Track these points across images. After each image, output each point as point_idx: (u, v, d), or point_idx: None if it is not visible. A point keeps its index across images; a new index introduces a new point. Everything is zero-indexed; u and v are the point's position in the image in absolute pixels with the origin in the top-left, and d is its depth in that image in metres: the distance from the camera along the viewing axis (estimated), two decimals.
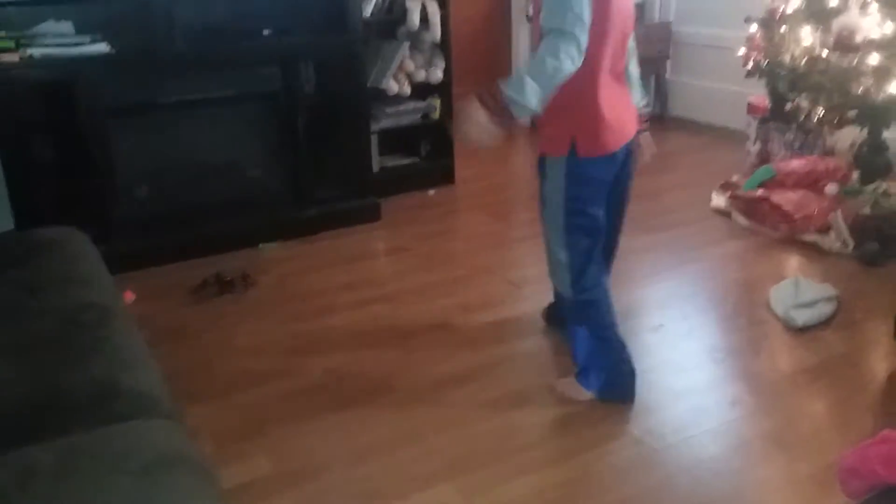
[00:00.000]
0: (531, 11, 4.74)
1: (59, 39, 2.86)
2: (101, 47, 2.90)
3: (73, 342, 1.56)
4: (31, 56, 2.79)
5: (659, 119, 5.07)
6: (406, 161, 4.01)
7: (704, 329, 2.60)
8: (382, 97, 3.77)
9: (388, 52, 3.79)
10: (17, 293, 1.76)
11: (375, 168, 3.73)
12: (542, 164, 2.07)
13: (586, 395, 2.16)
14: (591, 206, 2.02)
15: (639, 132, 2.14)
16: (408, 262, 3.14)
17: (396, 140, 3.96)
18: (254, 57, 3.23)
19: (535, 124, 2.16)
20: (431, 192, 3.93)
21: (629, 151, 2.08)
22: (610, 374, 2.15)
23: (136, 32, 3.02)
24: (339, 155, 3.46)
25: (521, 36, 5.05)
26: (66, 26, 2.92)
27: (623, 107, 2.04)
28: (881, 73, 2.98)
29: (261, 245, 3.26)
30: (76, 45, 2.87)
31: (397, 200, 3.73)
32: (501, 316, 2.66)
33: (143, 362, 1.56)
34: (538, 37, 1.81)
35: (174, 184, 3.29)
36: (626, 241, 3.18)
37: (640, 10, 5.00)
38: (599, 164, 1.98)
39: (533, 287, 2.87)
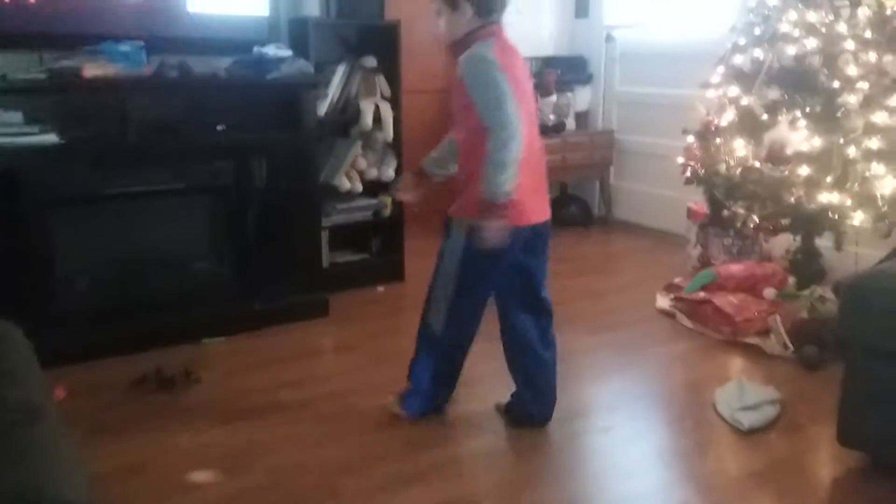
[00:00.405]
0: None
1: (7, 129, 2.83)
2: (51, 138, 2.87)
3: None
4: None
5: (603, 222, 5.24)
6: (356, 257, 4.02)
7: (653, 431, 2.60)
8: (334, 193, 3.81)
9: (341, 149, 3.86)
10: None
11: (325, 263, 3.72)
12: (448, 224, 2.35)
13: (402, 413, 2.51)
14: (486, 269, 2.31)
15: None
16: (356, 359, 3.09)
17: (347, 236, 3.98)
18: (206, 151, 3.25)
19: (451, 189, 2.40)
20: (381, 288, 3.92)
21: (538, 234, 2.35)
22: (429, 404, 2.51)
23: (88, 124, 3.01)
24: (288, 250, 3.45)
25: None
26: (16, 116, 2.90)
27: (534, 187, 2.28)
28: (811, 184, 3.14)
29: (205, 340, 3.18)
30: (24, 134, 2.84)
31: (347, 296, 3.70)
32: (452, 414, 2.61)
33: (70, 467, 1.46)
34: (464, 128, 2.26)
35: (117, 276, 3.21)
36: (572, 341, 3.24)
37: (585, 118, 5.25)
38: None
39: (484, 385, 2.85)
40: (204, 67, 3.33)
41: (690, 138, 3.73)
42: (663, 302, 3.61)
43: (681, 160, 3.78)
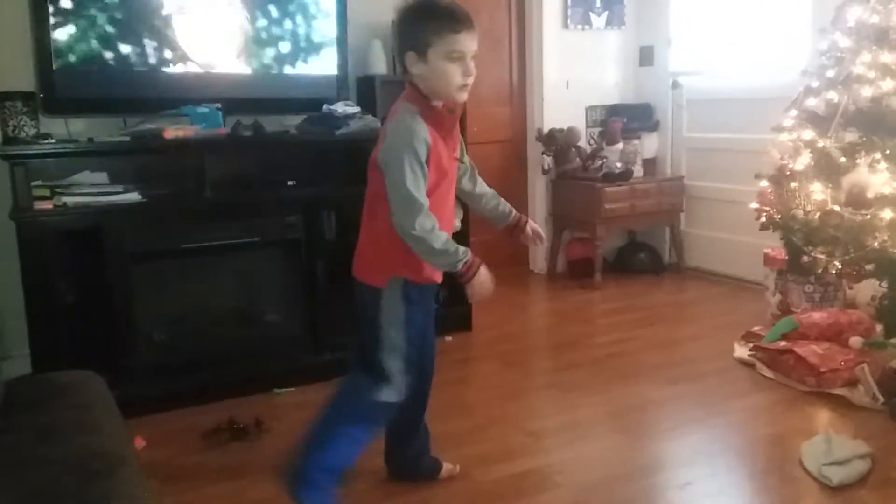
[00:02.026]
0: (546, 164, 4.95)
1: (93, 189, 2.99)
2: (133, 196, 3.01)
3: (78, 494, 1.50)
4: (64, 203, 2.90)
5: (675, 269, 5.13)
6: None
7: (735, 488, 2.47)
8: None
9: None
10: (26, 440, 1.72)
11: None
12: (370, 289, 2.19)
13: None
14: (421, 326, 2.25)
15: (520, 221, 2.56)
16: None
17: None
18: (278, 205, 3.34)
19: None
20: (448, 338, 3.91)
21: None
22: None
23: (167, 182, 3.15)
24: None
25: (537, 188, 5.21)
26: (101, 177, 3.06)
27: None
28: (895, 228, 3.01)
29: (276, 390, 3.22)
30: (108, 193, 2.99)
31: None
32: (521, 468, 2.55)
33: None
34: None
35: (192, 328, 3.31)
36: (648, 392, 3.15)
37: (653, 164, 5.20)
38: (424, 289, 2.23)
39: (551, 439, 2.79)
40: (276, 126, 3.46)
41: (764, 183, 3.64)
42: (742, 351, 3.48)
43: (755, 205, 3.68)
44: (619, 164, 4.90)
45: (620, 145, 4.99)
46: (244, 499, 2.39)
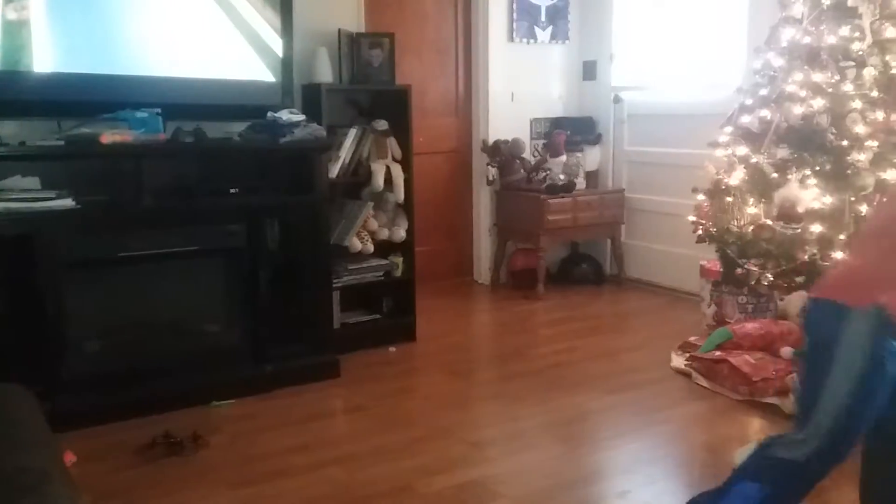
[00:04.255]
0: (491, 175, 4.98)
1: (24, 195, 2.88)
2: (67, 202, 2.91)
3: None
4: None
5: (616, 280, 5.22)
6: (367, 318, 4.00)
7: (671, 495, 2.52)
8: (345, 255, 3.83)
9: (353, 211, 3.90)
10: None
11: (336, 324, 3.71)
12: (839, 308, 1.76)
13: None
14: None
15: None
16: (366, 422, 3.05)
17: (358, 297, 3.97)
18: (219, 214, 3.28)
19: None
20: (392, 349, 3.90)
21: None
22: None
23: (104, 189, 3.06)
24: (299, 311, 3.45)
25: (482, 198, 5.25)
26: (33, 182, 2.95)
27: None
28: (824, 242, 3.13)
29: (214, 403, 3.15)
30: (41, 199, 2.88)
31: (357, 357, 3.68)
32: (463, 479, 2.55)
33: None
34: None
35: (128, 339, 3.22)
36: (589, 402, 3.20)
37: (595, 177, 5.29)
38: None
39: (493, 449, 2.81)
40: (219, 132, 3.40)
41: (701, 197, 3.74)
42: (679, 361, 3.56)
43: (692, 219, 3.78)
44: (562, 177, 4.97)
45: (564, 158, 5.07)
46: None
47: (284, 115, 3.43)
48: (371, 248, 3.90)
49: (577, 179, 5.05)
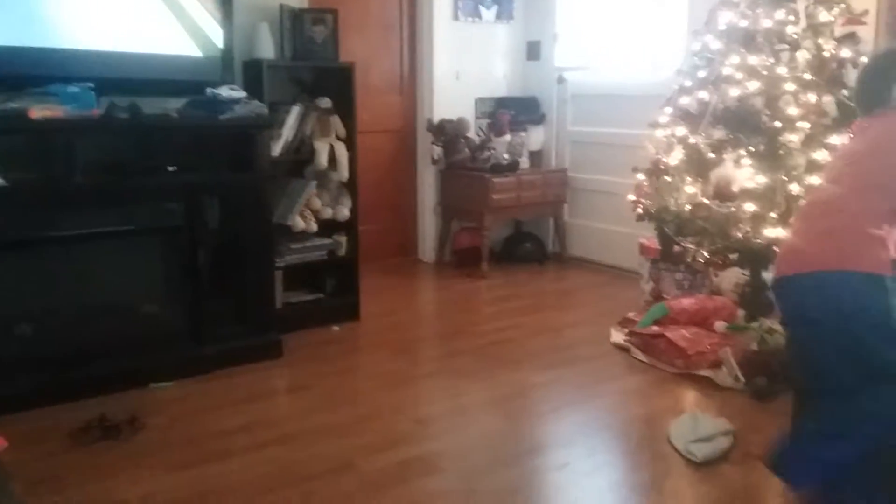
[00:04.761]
0: (436, 154, 4.98)
1: None
2: None
3: None
4: None
5: (558, 258, 5.30)
6: (311, 297, 3.98)
7: (609, 466, 2.60)
8: (288, 234, 3.78)
9: (295, 189, 3.85)
10: None
11: (279, 304, 3.67)
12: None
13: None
14: None
15: None
16: (309, 401, 3.04)
17: (301, 276, 3.94)
18: (156, 192, 3.20)
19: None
20: (336, 328, 3.89)
21: None
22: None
23: (34, 166, 2.96)
24: (241, 291, 3.40)
25: (425, 178, 5.24)
26: None
27: None
28: (757, 220, 3.23)
29: (153, 385, 3.09)
30: None
31: (300, 337, 3.66)
32: (407, 456, 2.57)
33: None
34: None
35: (61, 321, 3.12)
36: (531, 377, 3.25)
37: (539, 157, 5.34)
38: None
39: (437, 425, 2.84)
40: (155, 109, 3.30)
41: (640, 176, 3.81)
42: (618, 337, 3.64)
43: (632, 198, 3.85)
44: (506, 156, 5.00)
45: (508, 137, 5.09)
46: (113, 500, 2.29)
47: (224, 92, 3.36)
48: (314, 226, 3.86)
49: (521, 159, 5.09)
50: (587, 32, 5.16)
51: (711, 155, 3.47)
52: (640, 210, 3.81)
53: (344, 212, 3.98)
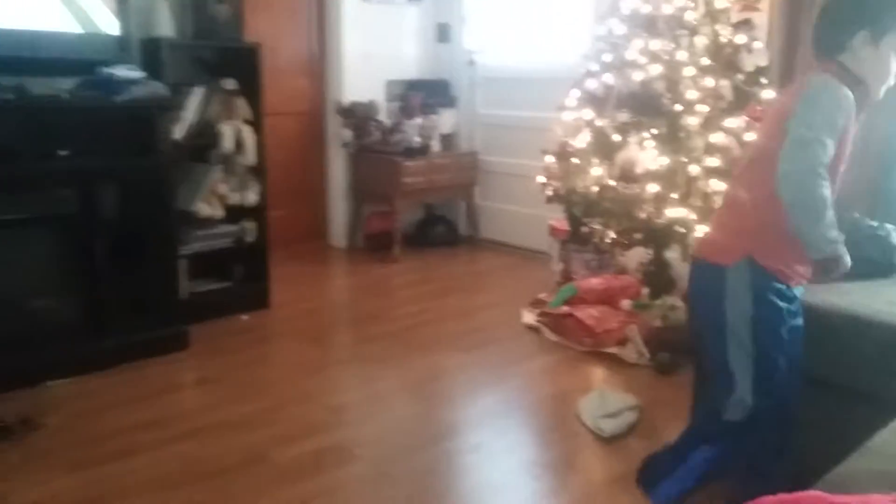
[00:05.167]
0: (346, 138, 4.89)
1: None
2: None
3: None
4: None
5: (470, 241, 5.33)
6: (218, 286, 3.86)
7: (521, 445, 2.64)
8: (192, 220, 3.65)
9: (200, 174, 3.71)
10: None
11: (184, 294, 3.54)
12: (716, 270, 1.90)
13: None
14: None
15: None
16: (218, 394, 2.95)
17: (208, 264, 3.81)
18: (47, 178, 3.02)
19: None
20: (245, 317, 3.79)
21: None
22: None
23: None
24: (142, 281, 3.26)
25: (336, 161, 5.17)
26: None
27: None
28: (659, 201, 3.34)
29: (49, 383, 2.93)
30: None
31: (208, 327, 3.55)
32: (320, 445, 2.54)
33: None
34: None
35: None
36: (445, 361, 3.26)
37: (450, 140, 5.34)
38: None
39: (352, 413, 2.82)
40: (45, 89, 3.11)
41: (549, 159, 3.87)
42: (529, 317, 3.70)
43: (541, 180, 3.91)
44: (417, 139, 4.98)
45: (419, 120, 5.07)
46: (11, 503, 2.17)
47: (121, 72, 3.19)
48: (220, 213, 3.74)
49: (433, 142, 5.08)
50: (496, 15, 5.18)
51: (617, 137, 3.55)
52: (549, 192, 3.88)
53: (251, 197, 3.87)
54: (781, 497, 1.13)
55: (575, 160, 3.72)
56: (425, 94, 5.22)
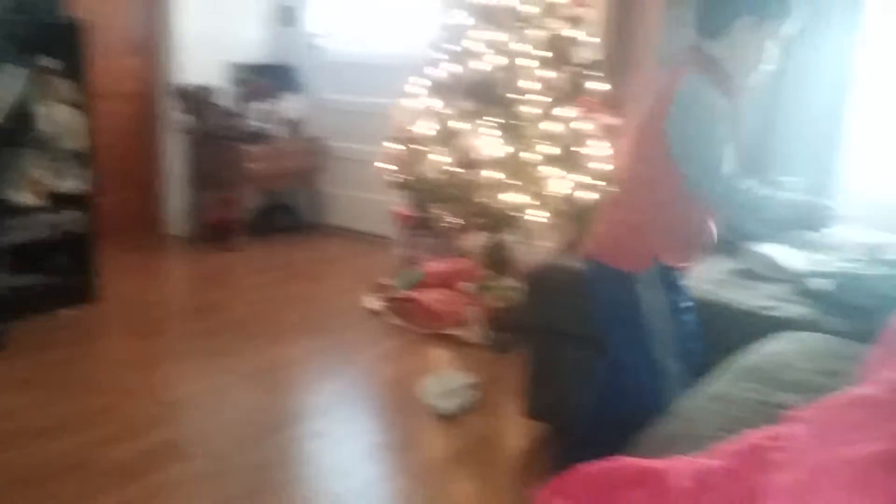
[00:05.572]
0: (183, 122, 4.67)
1: None
2: None
3: None
4: None
5: (316, 228, 5.27)
6: (39, 279, 3.57)
7: (365, 430, 2.66)
8: (9, 210, 3.35)
9: (13, 160, 3.41)
10: None
11: (0, 289, 3.26)
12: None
13: None
14: None
15: None
16: (38, 396, 2.73)
17: (27, 257, 3.52)
18: None
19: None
20: (70, 312, 3.53)
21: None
22: None
23: None
24: None
25: (173, 147, 4.93)
26: None
27: None
28: (498, 187, 3.45)
29: None
30: None
31: (28, 325, 3.28)
32: (152, 443, 2.43)
33: None
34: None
35: None
36: (288, 349, 3.22)
37: (295, 125, 5.23)
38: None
39: (189, 407, 2.72)
40: None
41: (394, 145, 3.89)
42: (374, 303, 3.72)
43: (385, 166, 3.92)
44: (261, 124, 4.84)
45: (262, 105, 4.93)
46: None
47: None
48: (39, 201, 3.47)
49: (277, 127, 4.96)
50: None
51: (459, 125, 3.63)
52: (393, 178, 3.90)
53: (75, 184, 3.61)
54: (599, 463, 1.21)
55: (418, 147, 3.76)
56: (269, 78, 5.08)
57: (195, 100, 4.78)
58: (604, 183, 3.34)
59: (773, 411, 1.40)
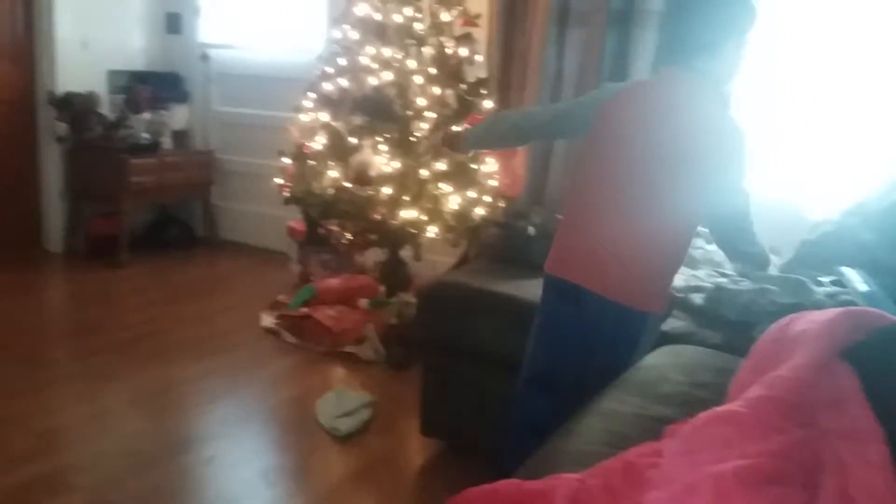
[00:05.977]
0: (61, 131, 4.43)
1: None
2: None
3: None
4: None
5: (207, 243, 5.12)
6: None
7: (258, 453, 2.60)
8: None
9: None
10: None
11: None
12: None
13: None
14: None
15: None
16: None
17: None
18: None
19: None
20: None
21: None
22: None
23: None
24: None
25: (49, 157, 4.67)
26: None
27: None
28: (393, 203, 3.47)
29: None
30: None
31: None
32: (25, 477, 2.29)
33: None
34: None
35: None
36: (177, 371, 3.12)
37: (183, 136, 5.08)
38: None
39: (67, 437, 2.58)
40: None
41: (286, 160, 3.84)
42: (268, 321, 3.65)
43: (279, 181, 3.86)
44: (146, 135, 4.66)
45: (148, 115, 4.75)
46: None
47: None
48: None
49: (163, 139, 4.79)
50: (232, 9, 5.01)
51: (352, 140, 3.63)
52: (286, 193, 3.85)
53: None
54: (483, 487, 1.24)
55: (311, 162, 3.73)
56: (154, 87, 4.90)
57: (75, 109, 4.55)
58: (495, 199, 3.43)
59: (653, 425, 1.48)
